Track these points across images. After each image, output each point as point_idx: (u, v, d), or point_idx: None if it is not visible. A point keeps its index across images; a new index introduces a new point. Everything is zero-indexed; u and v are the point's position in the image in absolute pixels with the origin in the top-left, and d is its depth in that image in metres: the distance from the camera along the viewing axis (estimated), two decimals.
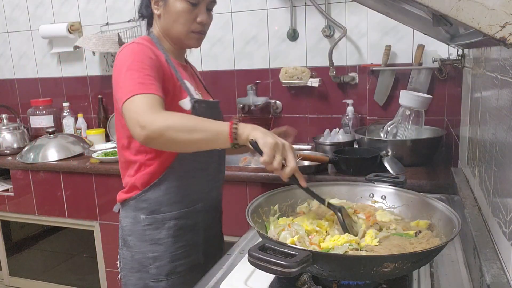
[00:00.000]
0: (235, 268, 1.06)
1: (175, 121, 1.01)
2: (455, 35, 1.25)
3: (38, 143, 2.41)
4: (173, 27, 1.26)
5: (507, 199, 0.80)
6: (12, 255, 2.66)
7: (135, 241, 1.29)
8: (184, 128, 1.00)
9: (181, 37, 1.27)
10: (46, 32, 2.81)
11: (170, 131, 1.00)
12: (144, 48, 1.17)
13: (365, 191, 1.20)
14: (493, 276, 0.78)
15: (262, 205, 1.10)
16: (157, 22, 1.30)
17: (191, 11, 1.24)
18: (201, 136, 1.01)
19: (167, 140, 1.01)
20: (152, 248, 1.27)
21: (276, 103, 2.46)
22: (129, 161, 1.28)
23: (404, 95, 1.91)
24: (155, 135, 1.00)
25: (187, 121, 1.03)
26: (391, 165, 1.78)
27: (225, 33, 2.51)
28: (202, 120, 1.04)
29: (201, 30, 1.29)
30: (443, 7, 0.57)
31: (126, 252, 1.31)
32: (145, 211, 1.27)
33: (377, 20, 2.05)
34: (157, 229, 1.27)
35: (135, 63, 1.12)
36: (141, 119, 1.01)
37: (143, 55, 1.15)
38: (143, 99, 1.05)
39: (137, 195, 1.27)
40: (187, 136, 1.00)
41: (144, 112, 1.02)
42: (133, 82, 1.08)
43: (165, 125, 1.00)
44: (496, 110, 0.91)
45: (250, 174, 1.90)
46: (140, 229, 1.27)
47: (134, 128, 1.03)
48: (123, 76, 1.10)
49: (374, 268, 0.81)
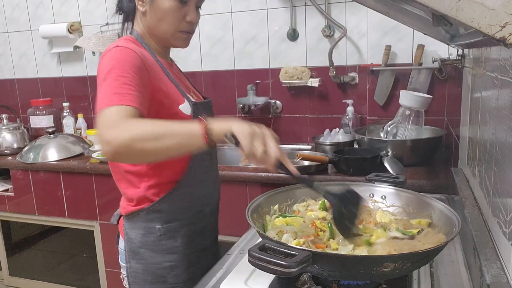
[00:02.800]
0: (235, 268, 1.06)
1: (139, 130, 0.93)
2: (455, 35, 1.25)
3: (38, 143, 2.41)
4: (160, 25, 1.18)
5: (507, 199, 0.80)
6: (12, 255, 2.66)
7: (149, 252, 1.23)
8: (151, 136, 0.92)
9: (168, 36, 1.20)
10: (46, 32, 2.81)
11: (136, 142, 0.91)
12: (128, 52, 1.08)
13: (365, 191, 1.20)
14: (493, 276, 0.78)
15: (262, 205, 1.10)
16: (142, 20, 1.22)
17: (179, 9, 1.16)
18: (172, 141, 0.93)
19: (136, 152, 0.93)
20: (168, 257, 1.24)
21: (276, 103, 2.46)
22: (126, 171, 1.21)
23: (404, 95, 1.91)
24: (121, 149, 0.92)
25: (153, 128, 0.94)
26: (391, 165, 1.78)
27: (225, 33, 2.51)
28: (169, 124, 0.96)
29: (189, 30, 1.21)
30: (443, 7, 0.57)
31: (137, 265, 1.25)
32: (159, 221, 1.21)
33: (377, 20, 2.05)
34: (173, 238, 1.23)
35: (114, 70, 1.03)
36: (106, 135, 0.93)
37: (124, 61, 1.06)
38: (112, 112, 0.97)
39: (149, 207, 1.21)
40: (156, 144, 0.92)
41: (109, 127, 0.94)
42: (107, 92, 1.00)
43: (129, 137, 0.91)
44: (496, 110, 0.91)
45: (250, 174, 1.90)
46: (155, 240, 1.22)
47: (101, 145, 0.95)
48: (99, 86, 1.04)
49: (374, 268, 0.81)
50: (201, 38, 2.56)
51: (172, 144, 0.93)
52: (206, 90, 2.60)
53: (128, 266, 1.27)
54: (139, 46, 1.17)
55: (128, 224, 1.25)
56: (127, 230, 1.25)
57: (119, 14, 1.28)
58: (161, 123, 0.97)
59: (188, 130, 0.94)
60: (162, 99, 1.14)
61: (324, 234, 0.99)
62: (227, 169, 1.95)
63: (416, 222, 1.06)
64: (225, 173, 1.90)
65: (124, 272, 1.30)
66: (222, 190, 1.40)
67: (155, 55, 1.20)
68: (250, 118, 2.51)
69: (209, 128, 0.91)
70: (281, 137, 2.50)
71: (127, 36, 1.21)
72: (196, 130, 0.92)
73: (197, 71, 2.60)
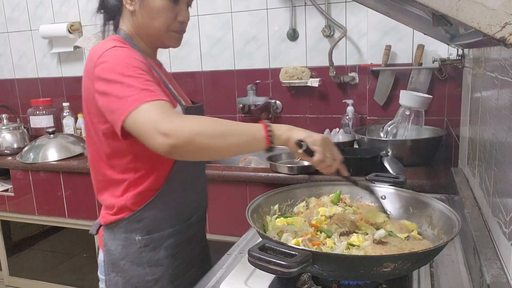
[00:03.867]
0: (235, 268, 1.06)
1: (205, 126, 0.92)
2: (455, 35, 1.25)
3: (38, 143, 2.41)
4: (151, 25, 1.13)
5: (507, 199, 0.80)
6: (12, 255, 2.66)
7: (129, 265, 1.16)
8: (216, 133, 0.91)
9: (160, 36, 1.15)
10: (46, 32, 2.81)
11: (200, 137, 0.89)
12: (131, 51, 1.05)
13: (365, 191, 1.20)
14: (493, 276, 0.78)
15: (262, 205, 1.10)
16: (130, 19, 1.15)
17: (172, 8, 1.12)
18: (236, 140, 0.92)
19: (196, 148, 0.90)
20: (151, 270, 1.16)
21: (276, 103, 2.46)
22: (113, 180, 1.14)
23: (404, 95, 1.91)
24: (183, 143, 0.88)
25: (218, 125, 0.93)
26: (391, 165, 1.78)
27: (225, 33, 2.50)
28: (233, 124, 0.95)
29: (181, 29, 1.17)
30: (443, 7, 0.57)
31: (117, 277, 1.18)
32: (140, 232, 1.14)
33: (377, 20, 2.05)
34: (155, 249, 1.16)
35: (129, 68, 0.98)
36: (162, 127, 0.89)
37: (133, 58, 1.02)
38: (153, 107, 0.93)
39: (129, 216, 1.14)
40: (221, 141, 0.91)
41: (164, 119, 0.90)
42: (134, 90, 0.95)
43: (194, 131, 0.89)
44: (496, 110, 0.91)
45: (250, 174, 1.90)
46: (136, 251, 1.15)
47: (154, 138, 0.90)
48: (116, 85, 0.97)
49: (374, 268, 0.81)
50: (201, 38, 2.56)
51: (236, 143, 0.93)
52: (206, 90, 2.60)
53: (107, 278, 1.20)
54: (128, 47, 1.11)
55: (108, 235, 1.18)
56: (107, 241, 1.19)
57: (101, 13, 1.21)
58: (223, 120, 0.95)
59: (252, 131, 0.94)
60: None
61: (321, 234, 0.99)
62: (227, 169, 1.95)
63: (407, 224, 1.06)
64: (225, 173, 1.90)
65: (102, 286, 1.23)
66: (222, 190, 1.40)
67: (145, 56, 1.14)
68: (250, 118, 2.51)
69: (273, 133, 0.94)
70: None
71: (114, 36, 1.14)
72: (260, 133, 0.93)
73: (197, 71, 2.61)
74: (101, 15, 1.22)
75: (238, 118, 2.54)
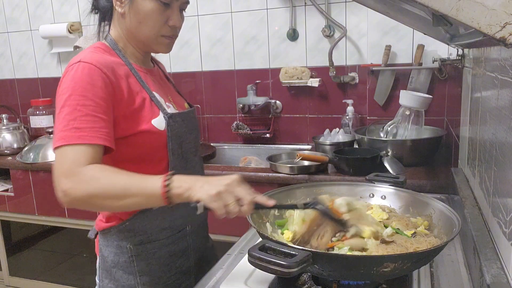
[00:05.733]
0: (235, 268, 1.06)
1: (98, 187, 0.91)
2: (455, 35, 1.25)
3: (38, 143, 2.41)
4: (140, 29, 1.08)
5: (507, 199, 0.80)
6: (12, 255, 2.66)
7: (121, 273, 1.14)
8: (109, 195, 0.91)
9: (149, 41, 1.10)
10: (46, 32, 2.81)
11: (94, 199, 0.91)
12: (91, 71, 0.99)
13: (365, 191, 1.20)
14: (493, 276, 0.78)
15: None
16: (119, 22, 1.11)
17: (162, 12, 1.06)
18: (130, 201, 0.91)
19: (92, 207, 0.96)
20: (142, 280, 1.14)
21: (276, 103, 2.46)
22: None
23: (404, 95, 1.91)
24: (77, 203, 0.92)
25: (114, 185, 0.91)
26: (391, 165, 1.78)
27: (225, 33, 2.50)
28: (129, 182, 0.92)
29: (172, 34, 1.10)
30: (443, 7, 0.57)
31: (110, 285, 1.16)
32: (131, 240, 1.12)
33: (377, 20, 2.05)
34: (147, 259, 1.13)
35: (74, 96, 0.96)
36: (63, 183, 0.91)
37: (86, 83, 0.97)
38: (69, 155, 0.92)
39: (119, 225, 1.12)
40: (115, 203, 0.92)
41: (65, 175, 0.91)
42: (66, 126, 0.94)
43: (87, 193, 0.90)
44: (496, 110, 0.91)
45: (250, 174, 1.90)
46: (127, 260, 1.13)
47: (56, 190, 0.92)
48: (58, 113, 0.97)
49: (374, 268, 0.81)
50: (201, 38, 2.56)
51: (131, 204, 0.93)
52: (206, 90, 2.60)
53: (101, 285, 1.19)
54: (111, 54, 1.09)
55: (102, 241, 1.18)
56: (101, 247, 1.18)
57: (95, 13, 1.18)
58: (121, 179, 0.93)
59: (148, 190, 0.91)
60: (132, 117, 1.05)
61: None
62: (227, 169, 1.95)
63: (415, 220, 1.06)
64: (225, 173, 1.89)
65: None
66: None
67: (130, 63, 1.10)
68: (250, 118, 2.51)
69: (171, 193, 0.89)
70: (281, 137, 2.50)
71: (98, 43, 1.12)
72: (157, 191, 0.89)
73: (197, 71, 2.61)
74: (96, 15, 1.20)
75: (238, 118, 2.54)
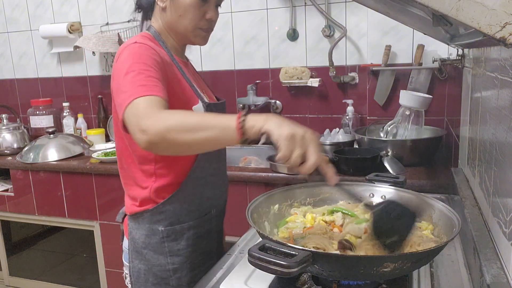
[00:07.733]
0: (235, 268, 1.06)
1: (176, 120, 0.91)
2: (455, 35, 1.25)
3: (38, 143, 2.41)
4: (179, 22, 1.19)
5: (507, 199, 0.80)
6: (12, 255, 2.66)
7: (151, 253, 1.23)
8: (186, 128, 0.89)
9: (187, 33, 1.21)
10: (46, 32, 2.81)
11: (171, 132, 0.89)
12: (146, 48, 1.09)
13: (365, 191, 1.20)
14: (493, 276, 0.78)
15: (262, 205, 1.10)
16: (161, 16, 1.22)
17: (200, 6, 1.17)
18: (206, 134, 0.89)
19: (170, 143, 0.91)
20: (171, 260, 1.23)
21: (276, 103, 2.46)
22: (137, 172, 1.20)
23: (404, 95, 1.91)
24: (157, 139, 0.90)
25: (189, 119, 0.92)
26: (391, 165, 1.78)
27: (225, 33, 2.50)
28: (206, 116, 0.95)
29: (208, 27, 1.23)
30: (443, 7, 0.57)
31: (140, 265, 1.25)
32: (163, 223, 1.21)
33: (377, 20, 2.05)
34: (176, 240, 1.23)
35: (135, 64, 1.03)
36: (141, 123, 0.92)
37: (144, 55, 1.07)
38: (144, 102, 0.96)
39: (153, 208, 1.20)
40: (191, 136, 0.89)
41: (144, 116, 0.93)
42: (133, 85, 0.99)
43: (165, 127, 0.89)
44: (496, 110, 0.91)
45: (250, 174, 1.90)
46: (158, 242, 1.22)
47: (135, 134, 0.94)
48: (122, 80, 1.02)
49: (374, 268, 0.81)
50: None
51: (207, 137, 0.89)
52: None
53: (131, 265, 1.26)
54: (155, 43, 1.18)
55: (133, 224, 1.24)
56: (131, 230, 1.25)
57: (138, 12, 1.29)
58: (197, 114, 0.98)
59: (223, 123, 0.89)
60: (176, 98, 1.13)
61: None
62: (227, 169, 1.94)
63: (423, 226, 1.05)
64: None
65: (126, 271, 1.30)
66: None
67: (171, 53, 1.21)
68: None
69: (245, 124, 0.86)
70: None
71: (144, 33, 1.22)
72: (232, 125, 0.87)
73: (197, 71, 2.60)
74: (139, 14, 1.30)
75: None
